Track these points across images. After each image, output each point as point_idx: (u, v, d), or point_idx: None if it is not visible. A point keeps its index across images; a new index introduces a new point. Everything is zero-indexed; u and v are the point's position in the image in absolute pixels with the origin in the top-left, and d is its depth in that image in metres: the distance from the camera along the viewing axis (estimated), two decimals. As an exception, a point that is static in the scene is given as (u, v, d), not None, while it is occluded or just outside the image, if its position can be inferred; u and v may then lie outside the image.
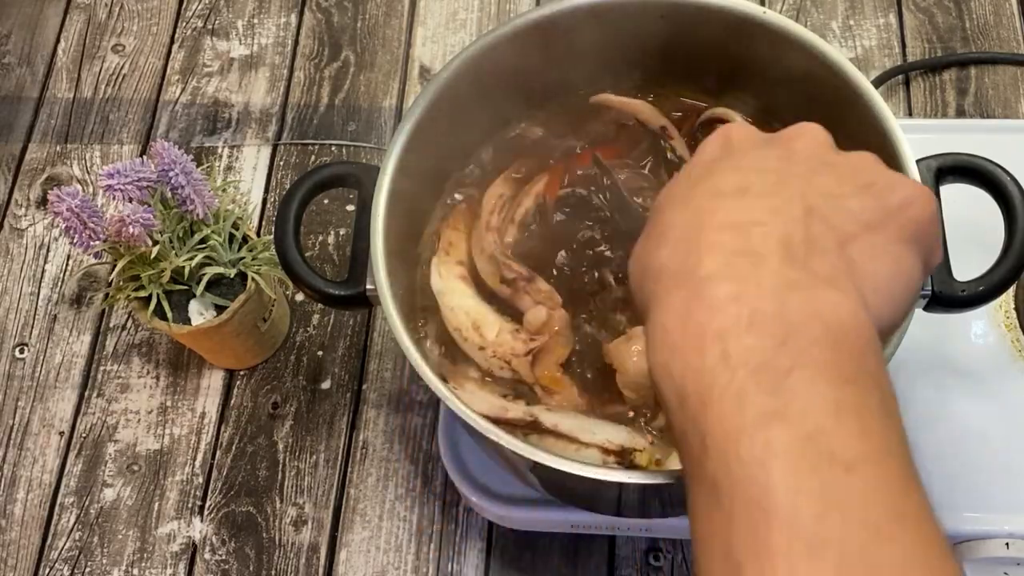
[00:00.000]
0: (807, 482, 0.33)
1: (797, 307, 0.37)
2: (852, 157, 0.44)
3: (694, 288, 0.38)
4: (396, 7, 1.04)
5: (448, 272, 0.67)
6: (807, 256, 0.38)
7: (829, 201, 0.40)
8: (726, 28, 0.66)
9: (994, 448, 0.70)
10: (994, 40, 0.96)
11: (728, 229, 0.39)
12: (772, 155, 0.43)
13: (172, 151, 0.71)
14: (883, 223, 0.41)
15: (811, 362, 0.36)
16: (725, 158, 0.44)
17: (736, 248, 0.39)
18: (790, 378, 0.35)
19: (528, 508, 0.71)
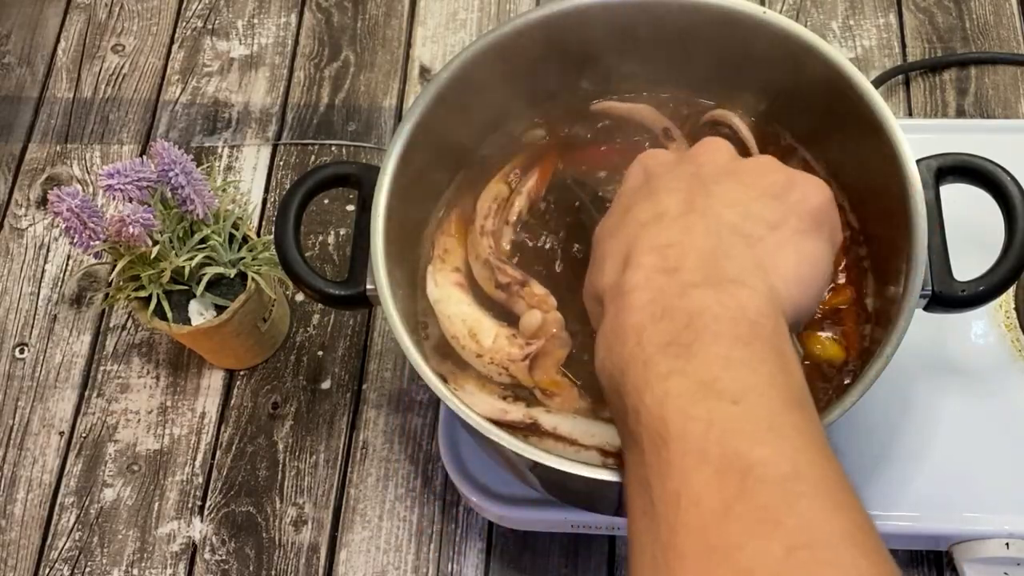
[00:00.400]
0: (696, 411, 0.40)
1: (701, 298, 0.44)
2: (752, 162, 0.51)
3: (622, 299, 0.45)
4: (396, 7, 1.04)
5: (444, 279, 0.67)
6: (715, 262, 0.45)
7: (736, 208, 0.47)
8: (726, 28, 0.66)
9: (994, 448, 0.70)
10: (994, 40, 0.96)
11: (649, 252, 0.46)
12: (682, 173, 0.50)
13: (172, 151, 0.71)
14: (784, 219, 0.47)
15: (709, 334, 0.42)
16: (644, 184, 0.51)
17: (655, 266, 0.46)
18: (692, 347, 0.42)
19: (528, 508, 0.71)
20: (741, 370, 0.41)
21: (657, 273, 0.45)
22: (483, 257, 0.66)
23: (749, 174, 0.50)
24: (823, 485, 0.39)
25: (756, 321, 0.43)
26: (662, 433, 0.40)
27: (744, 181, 0.49)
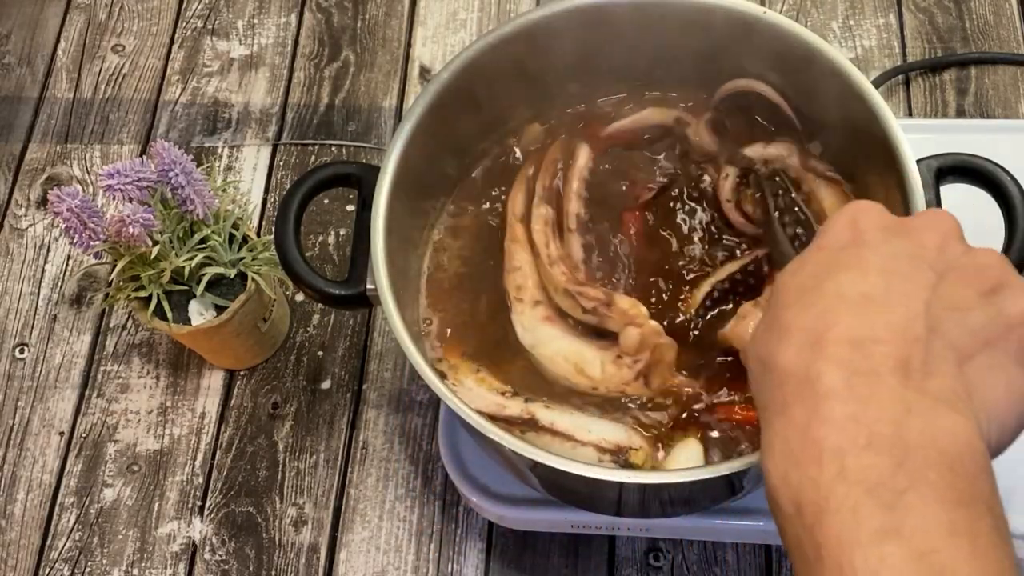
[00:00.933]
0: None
1: (914, 431, 0.38)
2: (980, 258, 0.43)
3: (814, 404, 0.39)
4: (396, 7, 1.04)
5: (531, 320, 0.65)
6: (924, 377, 0.39)
7: (952, 315, 0.41)
8: (726, 28, 0.66)
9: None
10: (994, 40, 0.96)
11: (849, 344, 0.40)
12: (900, 251, 0.43)
13: (172, 151, 0.71)
14: (1002, 340, 0.41)
15: (926, 484, 0.37)
16: (851, 247, 0.44)
17: (856, 367, 0.39)
18: (905, 497, 0.36)
19: (528, 508, 0.71)
20: (962, 543, 0.36)
21: (857, 376, 0.39)
22: (561, 287, 0.65)
23: (974, 272, 0.42)
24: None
25: (972, 473, 0.38)
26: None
27: (967, 280, 0.42)
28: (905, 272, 0.42)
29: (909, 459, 0.37)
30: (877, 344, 0.40)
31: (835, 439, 0.38)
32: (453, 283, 0.69)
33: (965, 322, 0.41)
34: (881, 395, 0.39)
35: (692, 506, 0.68)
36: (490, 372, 0.65)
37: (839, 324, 0.41)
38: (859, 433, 0.38)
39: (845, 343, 0.40)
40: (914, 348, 0.40)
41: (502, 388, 0.63)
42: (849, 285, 0.42)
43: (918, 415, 0.38)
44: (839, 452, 0.38)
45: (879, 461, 0.37)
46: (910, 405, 0.38)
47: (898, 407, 0.38)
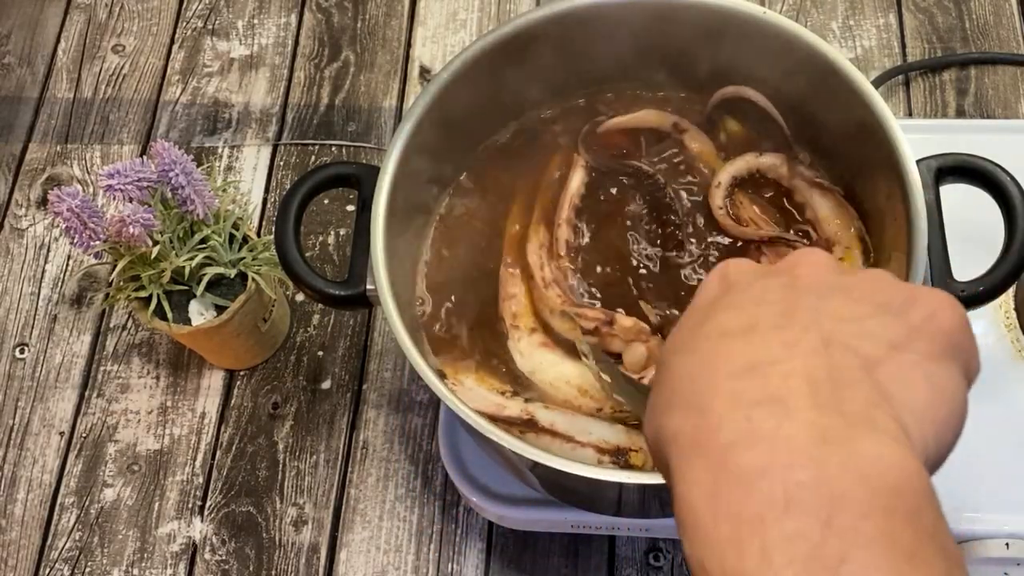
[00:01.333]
0: None
1: (837, 469, 0.32)
2: (863, 276, 0.40)
3: (717, 459, 0.33)
4: (396, 7, 1.04)
5: (528, 347, 0.65)
6: (835, 392, 0.34)
7: (846, 325, 0.36)
8: (726, 28, 0.66)
9: (994, 448, 0.70)
10: (994, 40, 0.96)
11: (742, 374, 0.35)
12: (775, 285, 0.39)
13: (172, 151, 0.71)
14: (909, 340, 0.36)
15: (864, 544, 0.31)
16: (724, 296, 0.40)
17: (755, 397, 0.34)
18: (842, 570, 0.30)
19: (528, 508, 0.71)
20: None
21: (759, 409, 0.33)
22: (557, 309, 0.64)
23: (860, 289, 0.38)
24: None
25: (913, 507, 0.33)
26: None
27: (854, 296, 0.38)
28: (783, 299, 0.38)
29: (838, 513, 0.31)
30: (773, 365, 0.34)
31: (749, 505, 0.32)
32: (453, 283, 0.69)
33: (863, 330, 0.36)
34: (790, 428, 0.33)
35: (692, 506, 0.67)
36: (488, 373, 0.65)
37: (727, 357, 0.36)
38: (775, 491, 0.31)
39: (737, 374, 0.35)
40: (814, 361, 0.34)
41: (502, 388, 0.63)
42: (728, 322, 0.37)
43: (838, 444, 0.32)
44: (757, 525, 0.31)
45: (804, 526, 0.31)
46: (827, 433, 0.33)
47: (813, 440, 0.32)
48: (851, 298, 0.38)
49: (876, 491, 0.32)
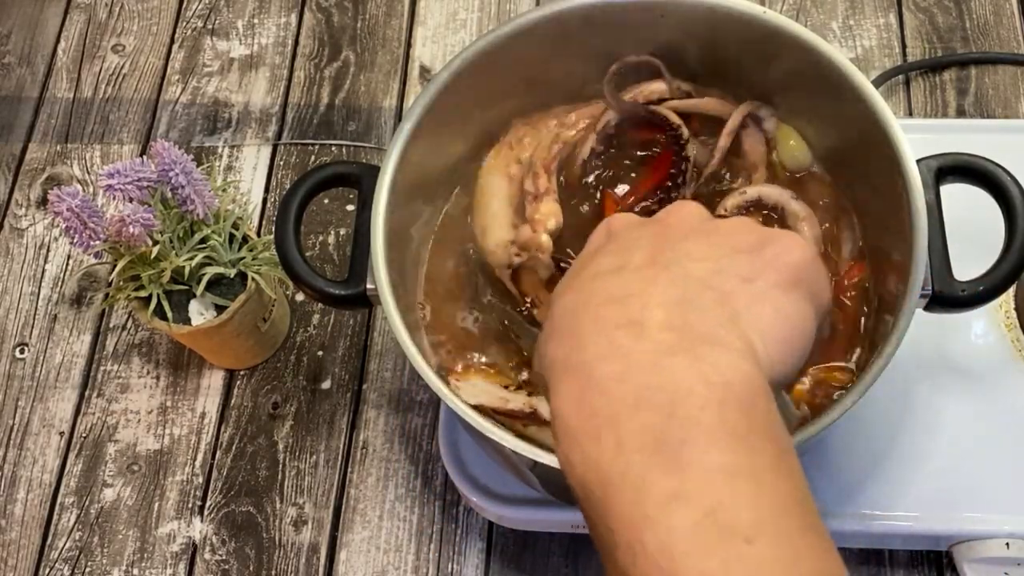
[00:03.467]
0: (710, 562, 0.34)
1: (680, 372, 0.37)
2: (726, 223, 0.45)
3: (583, 372, 0.39)
4: (396, 7, 1.04)
5: (498, 165, 0.69)
6: (685, 315, 0.39)
7: (704, 263, 0.42)
8: (726, 28, 0.66)
9: (994, 448, 0.70)
10: (994, 40, 0.96)
11: (607, 304, 0.40)
12: (647, 232, 0.45)
13: (172, 151, 0.71)
14: (759, 273, 0.42)
15: (700, 429, 0.36)
16: (606, 243, 0.46)
17: (616, 321, 0.39)
18: (683, 451, 0.36)
19: (528, 508, 0.71)
20: (745, 487, 0.35)
21: (619, 330, 0.39)
22: (534, 157, 0.68)
23: (720, 233, 0.44)
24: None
25: (746, 400, 0.37)
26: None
27: (713, 239, 0.44)
28: (652, 244, 0.43)
29: (680, 406, 0.36)
30: (633, 296, 0.40)
31: (607, 406, 0.37)
32: (453, 282, 0.69)
33: (719, 267, 0.42)
34: (643, 344, 0.38)
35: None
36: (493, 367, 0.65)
37: (596, 293, 0.41)
38: (627, 392, 0.37)
39: (603, 304, 0.40)
40: (671, 292, 0.40)
41: (505, 381, 0.63)
42: (604, 264, 0.43)
43: (681, 353, 0.38)
44: (612, 420, 0.37)
45: (651, 418, 0.36)
46: (672, 345, 0.38)
47: (661, 350, 0.38)
48: (710, 242, 0.43)
49: (713, 387, 0.37)
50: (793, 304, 0.42)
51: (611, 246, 0.45)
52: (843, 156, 0.68)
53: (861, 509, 0.69)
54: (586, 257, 0.46)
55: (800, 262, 0.43)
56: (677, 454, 0.36)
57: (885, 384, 0.55)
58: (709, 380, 0.37)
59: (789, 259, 0.43)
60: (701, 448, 0.36)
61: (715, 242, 0.43)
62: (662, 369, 0.38)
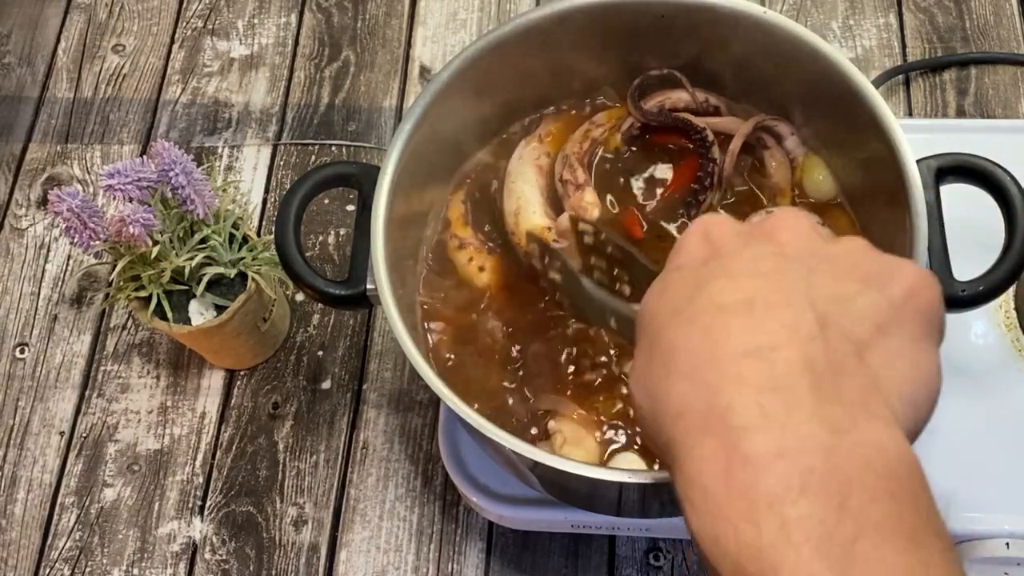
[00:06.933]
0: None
1: (846, 456, 0.34)
2: (844, 246, 0.41)
3: (729, 440, 0.35)
4: (396, 7, 1.04)
5: (529, 156, 0.70)
6: (834, 378, 0.36)
7: (837, 305, 0.38)
8: (726, 28, 0.66)
9: (994, 448, 0.70)
10: (994, 40, 0.96)
11: (747, 357, 0.36)
12: (763, 253, 0.40)
13: (172, 151, 0.71)
14: (893, 321, 0.38)
15: (873, 525, 0.33)
16: (712, 260, 0.41)
17: (761, 383, 0.35)
18: (856, 548, 0.33)
19: (528, 508, 0.71)
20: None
21: (767, 395, 0.35)
22: (567, 151, 0.69)
23: (842, 261, 0.40)
24: None
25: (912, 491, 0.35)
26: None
27: (841, 269, 0.39)
28: (776, 271, 0.39)
29: (850, 497, 0.33)
30: (776, 350, 0.36)
31: (765, 485, 0.33)
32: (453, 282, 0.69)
33: (852, 311, 0.38)
34: (799, 415, 0.35)
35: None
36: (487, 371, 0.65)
37: (729, 337, 0.37)
38: (791, 474, 0.33)
39: (742, 356, 0.36)
40: (814, 347, 0.36)
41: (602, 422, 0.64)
42: (724, 295, 0.38)
43: (843, 433, 0.35)
44: (774, 503, 0.33)
45: (820, 508, 0.33)
46: (832, 421, 0.35)
47: (822, 427, 0.35)
48: (837, 271, 0.39)
49: (880, 476, 0.34)
50: (927, 358, 0.40)
51: (723, 266, 0.40)
52: (843, 156, 0.68)
53: (861, 509, 0.69)
54: (688, 273, 0.41)
55: (931, 304, 0.40)
56: (849, 550, 0.33)
57: (885, 384, 0.55)
58: (876, 469, 0.34)
59: (920, 304, 0.40)
60: (875, 548, 0.33)
61: (843, 273, 0.39)
62: (824, 450, 0.34)
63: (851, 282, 0.39)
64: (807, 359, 0.36)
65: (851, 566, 0.32)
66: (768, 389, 0.35)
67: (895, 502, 0.34)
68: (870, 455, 0.34)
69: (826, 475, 0.34)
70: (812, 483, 0.33)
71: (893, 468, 0.35)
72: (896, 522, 0.33)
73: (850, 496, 0.33)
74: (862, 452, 0.34)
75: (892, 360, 0.38)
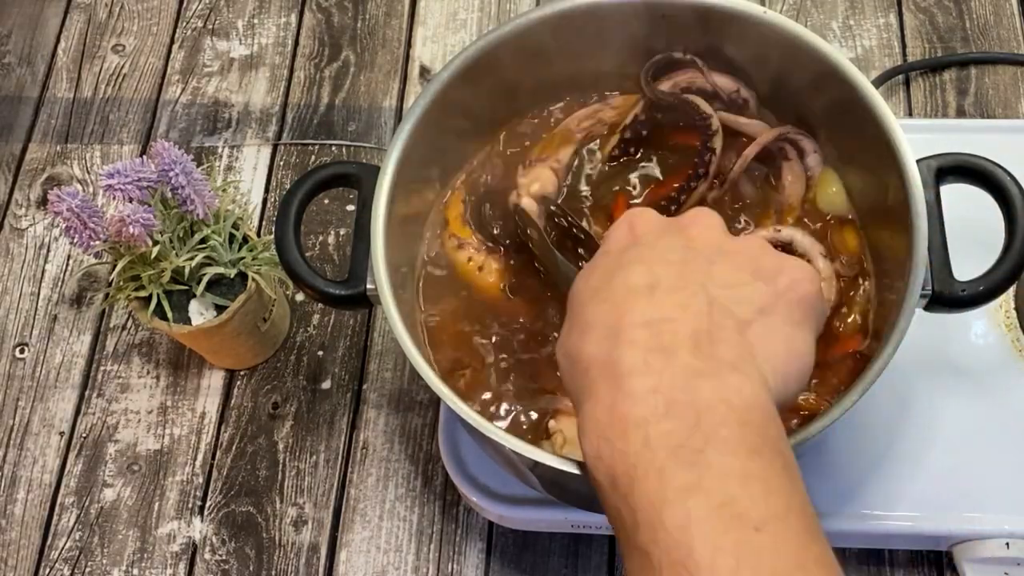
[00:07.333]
0: (723, 540, 0.39)
1: (706, 393, 0.42)
2: (743, 243, 0.50)
3: (617, 382, 0.43)
4: (396, 7, 1.04)
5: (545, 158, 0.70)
6: (712, 345, 0.44)
7: (728, 291, 0.46)
8: (727, 28, 0.66)
9: (994, 448, 0.70)
10: (994, 40, 0.96)
11: (642, 327, 0.45)
12: (675, 244, 0.49)
13: (172, 151, 0.71)
14: (774, 305, 0.47)
15: (720, 440, 0.41)
16: (632, 247, 0.49)
17: (650, 345, 0.44)
18: (703, 454, 0.41)
19: (528, 508, 0.71)
20: (757, 487, 0.40)
21: (652, 353, 0.44)
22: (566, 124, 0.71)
23: (742, 255, 0.49)
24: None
25: (760, 423, 0.43)
26: (687, 563, 0.39)
27: (737, 262, 0.48)
28: (681, 261, 0.47)
29: (703, 420, 0.41)
30: (666, 323, 0.44)
31: (638, 411, 0.42)
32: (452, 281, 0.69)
33: (740, 296, 0.46)
34: (675, 366, 0.43)
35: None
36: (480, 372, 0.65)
37: (632, 311, 0.45)
38: (658, 403, 0.42)
39: (639, 326, 0.45)
40: (699, 321, 0.45)
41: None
42: (636, 278, 0.47)
43: (708, 378, 0.43)
44: (642, 423, 0.42)
45: (678, 426, 0.41)
46: (700, 371, 0.43)
47: (690, 374, 0.43)
48: (734, 263, 0.48)
49: (733, 408, 0.42)
50: (801, 337, 0.47)
51: (639, 253, 0.48)
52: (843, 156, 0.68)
53: (861, 509, 0.69)
54: (612, 258, 0.49)
55: (809, 295, 0.48)
56: (698, 456, 0.41)
57: (885, 384, 0.55)
58: (731, 402, 0.42)
59: (801, 292, 0.48)
60: (719, 454, 0.41)
61: (738, 265, 0.48)
62: (691, 388, 0.42)
63: (744, 273, 0.47)
64: (692, 330, 0.44)
65: (696, 466, 0.40)
66: (655, 349, 0.44)
67: (743, 427, 0.42)
68: (727, 394, 0.42)
69: (686, 405, 0.42)
70: (674, 410, 0.42)
71: (746, 405, 0.43)
72: (741, 440, 0.41)
73: (703, 419, 0.41)
74: (721, 392, 0.42)
75: (768, 337, 0.46)
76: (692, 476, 0.40)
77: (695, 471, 0.40)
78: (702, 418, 0.42)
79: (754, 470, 0.41)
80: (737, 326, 0.45)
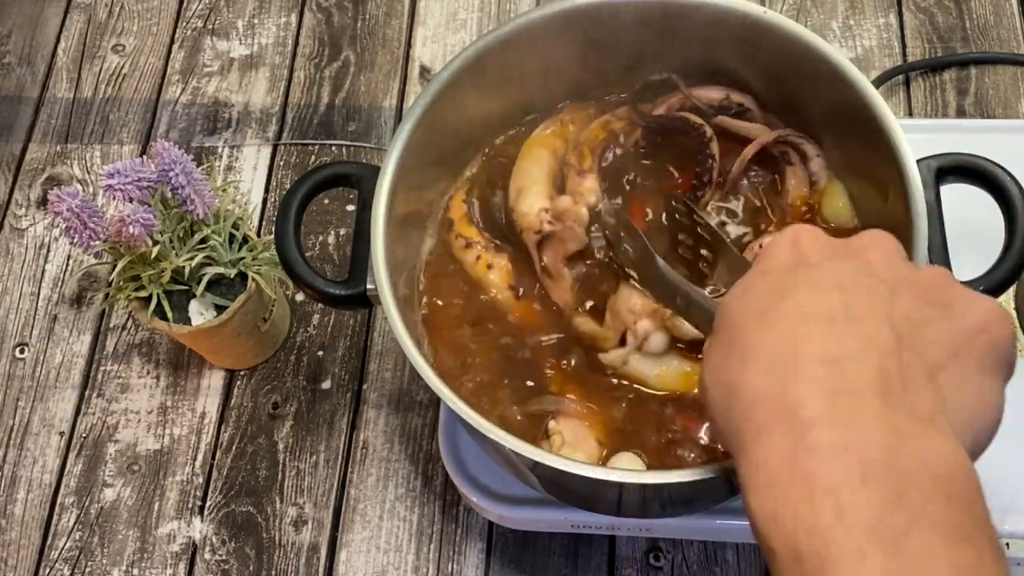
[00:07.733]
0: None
1: (905, 457, 0.36)
2: (926, 273, 0.43)
3: (797, 431, 0.37)
4: (396, 7, 1.04)
5: (546, 138, 0.70)
6: (904, 393, 0.38)
7: (914, 327, 0.40)
8: (727, 28, 0.66)
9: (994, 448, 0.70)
10: (994, 40, 0.96)
11: (824, 363, 0.38)
12: (849, 269, 0.42)
13: (172, 151, 0.71)
14: (965, 349, 0.40)
15: (927, 520, 0.35)
16: (800, 268, 0.43)
17: (834, 387, 0.38)
18: (908, 538, 0.35)
19: (528, 508, 0.71)
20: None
21: (838, 397, 0.37)
22: (581, 137, 0.69)
23: (924, 286, 0.42)
24: None
25: (969, 499, 0.37)
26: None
27: (919, 293, 0.41)
28: (860, 288, 0.41)
29: (907, 492, 0.35)
30: (851, 361, 0.38)
31: (827, 473, 0.36)
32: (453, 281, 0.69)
33: (928, 334, 0.40)
34: (866, 417, 0.37)
35: (692, 506, 0.68)
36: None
37: (809, 342, 0.39)
38: (851, 464, 0.36)
39: (819, 362, 0.38)
40: (888, 362, 0.38)
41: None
42: (809, 303, 0.41)
43: (906, 438, 0.37)
44: (833, 489, 0.36)
45: (877, 497, 0.35)
46: (897, 427, 0.37)
47: (886, 430, 0.37)
48: (919, 296, 0.41)
49: (937, 479, 0.36)
50: (991, 389, 0.41)
51: (808, 275, 0.42)
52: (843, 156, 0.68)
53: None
54: (775, 278, 0.43)
55: (1005, 340, 0.42)
56: (902, 540, 0.35)
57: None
58: (933, 471, 0.36)
59: (993, 336, 0.41)
60: (926, 541, 0.35)
61: (921, 295, 0.42)
62: (888, 450, 0.36)
63: (930, 308, 0.41)
64: (880, 371, 0.38)
65: (900, 552, 0.34)
66: (840, 393, 0.38)
67: (950, 503, 0.36)
68: (930, 460, 0.36)
69: (885, 470, 0.36)
70: (871, 475, 0.35)
71: (951, 475, 0.36)
72: (949, 521, 0.35)
73: (906, 492, 0.35)
74: (922, 456, 0.36)
75: (959, 386, 0.40)
76: (896, 565, 0.34)
77: (898, 561, 0.34)
78: (905, 489, 0.35)
79: (965, 563, 0.35)
80: (927, 370, 0.39)
